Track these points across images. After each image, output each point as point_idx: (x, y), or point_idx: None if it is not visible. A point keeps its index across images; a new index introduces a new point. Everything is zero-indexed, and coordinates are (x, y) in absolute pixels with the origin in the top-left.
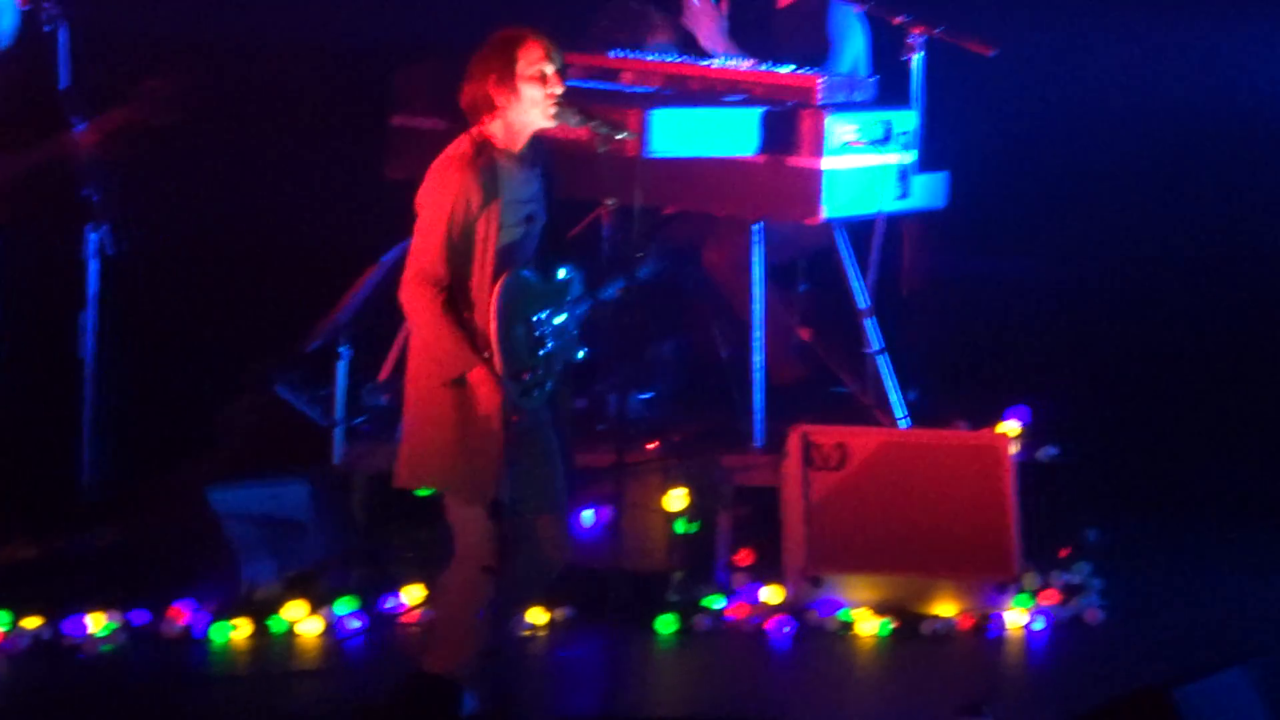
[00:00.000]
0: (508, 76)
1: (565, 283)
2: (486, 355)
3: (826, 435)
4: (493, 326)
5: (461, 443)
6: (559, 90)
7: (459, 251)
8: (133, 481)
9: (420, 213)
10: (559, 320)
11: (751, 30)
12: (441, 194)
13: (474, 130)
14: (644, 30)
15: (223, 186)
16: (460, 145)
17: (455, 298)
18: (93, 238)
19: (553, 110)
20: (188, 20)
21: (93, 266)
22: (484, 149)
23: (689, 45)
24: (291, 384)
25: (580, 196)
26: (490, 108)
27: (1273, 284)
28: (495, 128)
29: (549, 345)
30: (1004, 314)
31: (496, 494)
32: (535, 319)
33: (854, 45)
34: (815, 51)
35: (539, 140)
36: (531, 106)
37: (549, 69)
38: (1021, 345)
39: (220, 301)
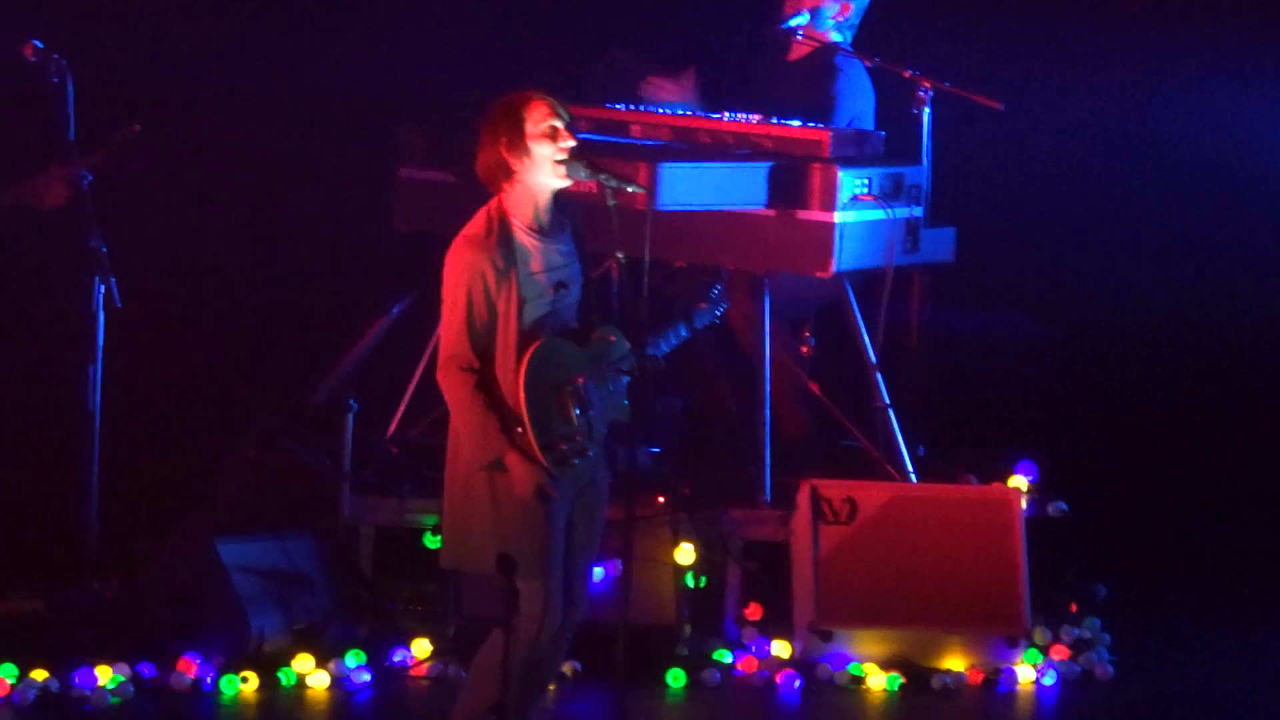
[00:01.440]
0: (518, 139)
1: (606, 343)
2: (519, 431)
3: (836, 489)
4: (521, 400)
5: (498, 526)
6: (571, 144)
7: (484, 331)
8: (140, 534)
9: (443, 297)
10: (599, 383)
11: (758, 83)
12: (457, 277)
13: (491, 203)
14: (636, 82)
15: (228, 238)
16: (474, 224)
17: (487, 379)
18: (100, 290)
19: (564, 165)
20: (194, 73)
21: (100, 319)
22: (497, 225)
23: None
24: (299, 436)
25: (590, 250)
26: (508, 173)
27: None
28: (514, 196)
29: (591, 410)
30: (1012, 369)
31: (514, 554)
32: (571, 386)
33: (859, 100)
34: (821, 105)
35: (566, 203)
36: (545, 165)
37: (558, 124)
38: (1030, 400)
39: (225, 354)
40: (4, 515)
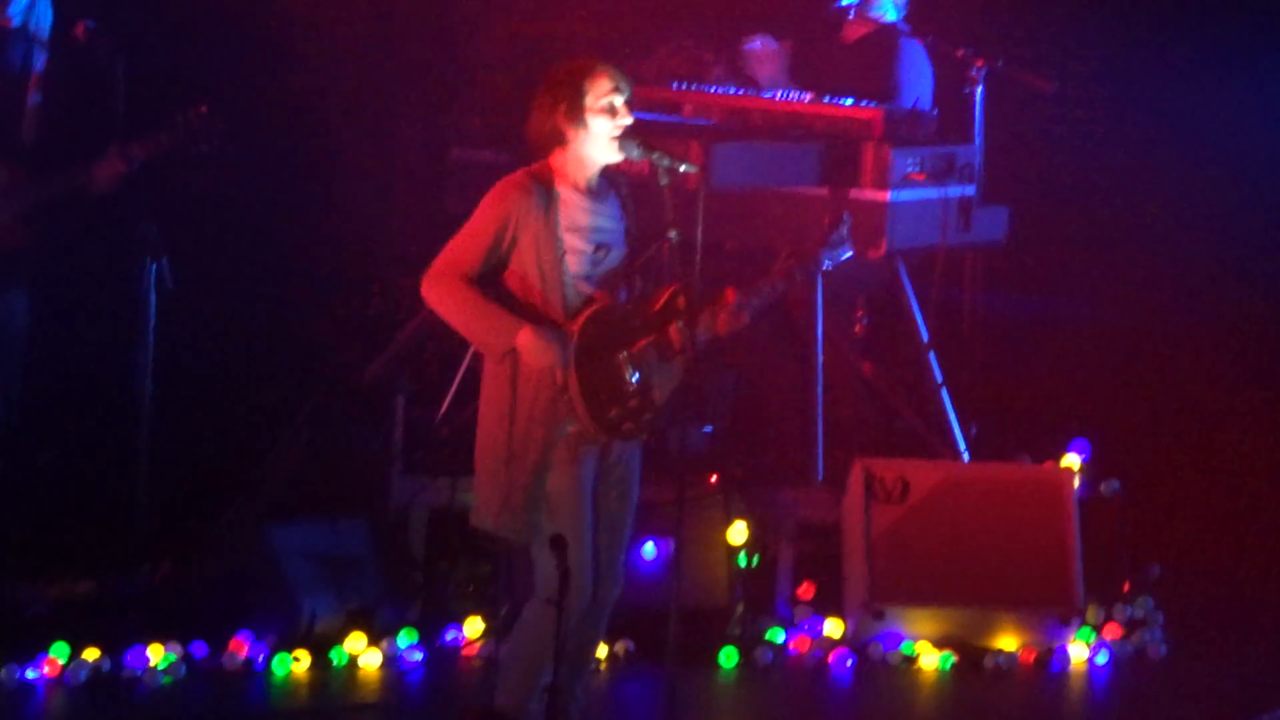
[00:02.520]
0: (576, 109)
1: (668, 310)
2: (566, 397)
3: (888, 469)
4: (572, 367)
5: (528, 493)
6: (627, 122)
7: (484, 266)
8: (191, 516)
9: (467, 223)
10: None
11: (816, 64)
12: (488, 209)
13: (539, 162)
14: (698, 71)
15: (281, 217)
16: (521, 172)
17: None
18: (151, 270)
19: (618, 143)
20: (242, 56)
21: (152, 300)
22: (541, 175)
23: (744, 83)
24: (351, 418)
25: (642, 229)
26: (560, 140)
27: None
28: (562, 160)
29: (643, 377)
30: (1065, 347)
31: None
32: (627, 351)
33: (918, 80)
34: (880, 86)
35: (613, 176)
36: (600, 140)
37: (618, 101)
38: (1083, 379)
39: (277, 335)
40: (56, 497)
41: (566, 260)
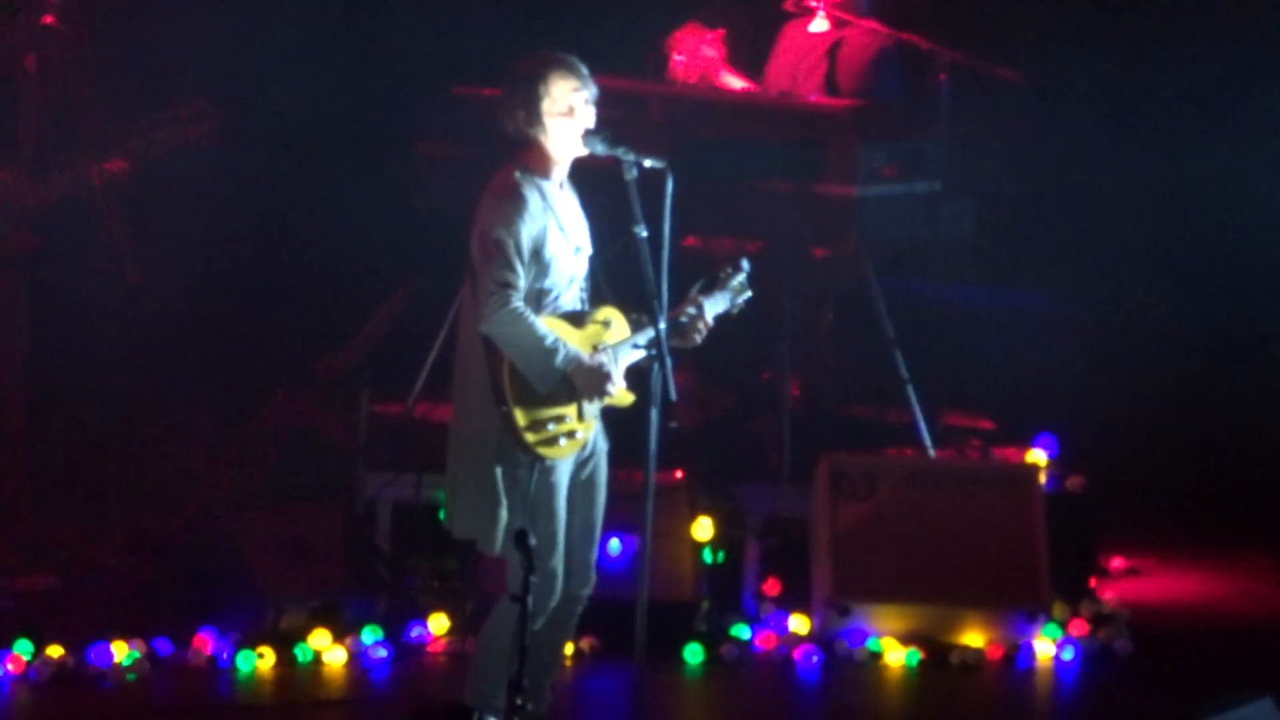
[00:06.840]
0: (534, 113)
1: (601, 327)
2: (503, 410)
3: (854, 464)
4: (505, 379)
5: (509, 501)
6: (589, 122)
7: (526, 270)
8: (156, 511)
9: (480, 244)
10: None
11: (780, 56)
12: (494, 219)
13: (511, 166)
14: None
15: (245, 214)
16: (504, 177)
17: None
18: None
19: (582, 139)
20: (208, 49)
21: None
22: (525, 178)
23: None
24: (316, 412)
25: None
26: (525, 140)
27: None
28: (533, 156)
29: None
30: (1031, 343)
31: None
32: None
33: (886, 74)
34: (853, 84)
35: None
36: (561, 138)
37: (578, 101)
38: (1049, 375)
39: (243, 327)
40: (20, 492)
41: (555, 265)
